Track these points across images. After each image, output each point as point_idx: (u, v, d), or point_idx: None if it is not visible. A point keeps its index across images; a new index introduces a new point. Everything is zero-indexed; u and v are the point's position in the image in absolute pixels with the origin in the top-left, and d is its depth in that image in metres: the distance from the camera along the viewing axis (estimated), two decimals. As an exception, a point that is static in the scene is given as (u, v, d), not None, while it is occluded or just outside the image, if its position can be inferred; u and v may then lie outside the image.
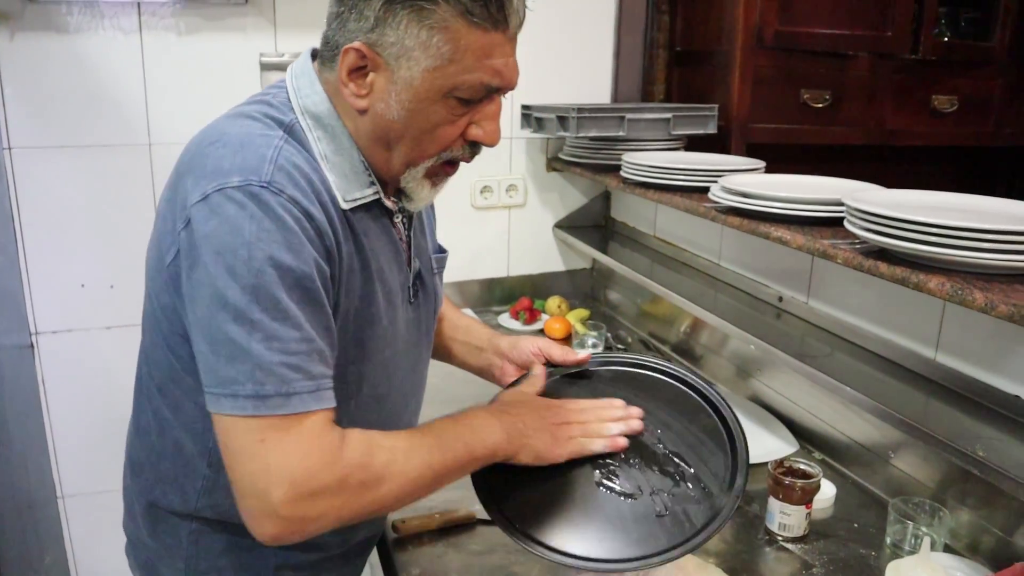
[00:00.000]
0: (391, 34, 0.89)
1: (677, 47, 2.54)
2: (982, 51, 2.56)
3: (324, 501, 0.85)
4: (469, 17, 0.88)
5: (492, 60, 0.92)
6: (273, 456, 0.83)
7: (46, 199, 2.01)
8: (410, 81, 0.91)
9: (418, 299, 1.13)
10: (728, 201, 1.60)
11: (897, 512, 1.26)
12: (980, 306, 1.09)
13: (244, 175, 0.86)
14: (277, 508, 0.83)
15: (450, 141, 0.97)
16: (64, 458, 2.17)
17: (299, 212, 0.87)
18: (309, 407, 0.86)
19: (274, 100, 0.98)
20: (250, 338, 0.83)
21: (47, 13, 1.92)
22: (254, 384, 0.83)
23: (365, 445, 0.89)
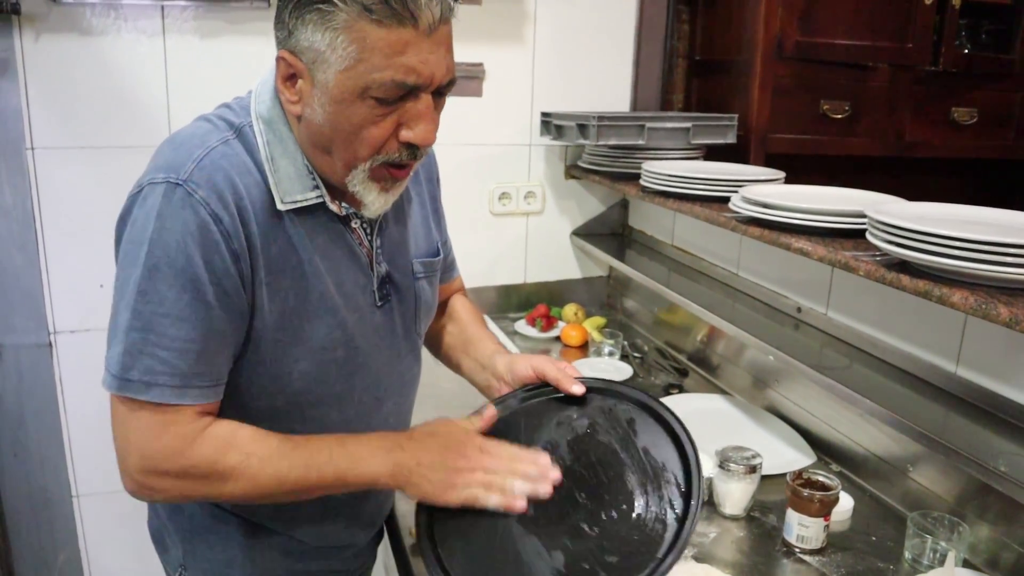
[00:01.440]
0: (304, 40, 0.91)
1: (697, 56, 2.54)
2: (1003, 63, 2.55)
3: (167, 481, 0.96)
4: (370, 15, 0.87)
5: (404, 57, 0.89)
6: (131, 432, 0.94)
7: (67, 199, 2.03)
8: (326, 84, 0.92)
9: (390, 303, 1.13)
10: (749, 211, 1.59)
11: (916, 526, 1.25)
12: (1005, 320, 1.08)
13: (167, 172, 0.92)
14: (131, 472, 0.96)
15: (380, 142, 0.95)
16: (80, 457, 2.18)
17: (206, 214, 0.91)
18: (167, 400, 0.93)
19: (236, 104, 1.03)
20: (130, 326, 0.91)
21: (71, 15, 1.94)
22: (122, 367, 0.92)
23: (221, 443, 0.96)
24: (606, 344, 2.11)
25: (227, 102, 1.06)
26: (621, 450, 1.06)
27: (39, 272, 2.04)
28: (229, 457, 0.95)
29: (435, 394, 1.59)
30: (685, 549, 0.93)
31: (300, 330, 1.02)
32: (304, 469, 0.97)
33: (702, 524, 1.36)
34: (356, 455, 0.99)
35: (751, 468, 1.35)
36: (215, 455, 0.95)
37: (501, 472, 1.00)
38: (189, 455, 0.94)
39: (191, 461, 0.94)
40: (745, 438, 1.59)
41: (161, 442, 0.93)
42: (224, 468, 0.95)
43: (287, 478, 0.97)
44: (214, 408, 0.99)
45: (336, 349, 1.06)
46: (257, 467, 0.96)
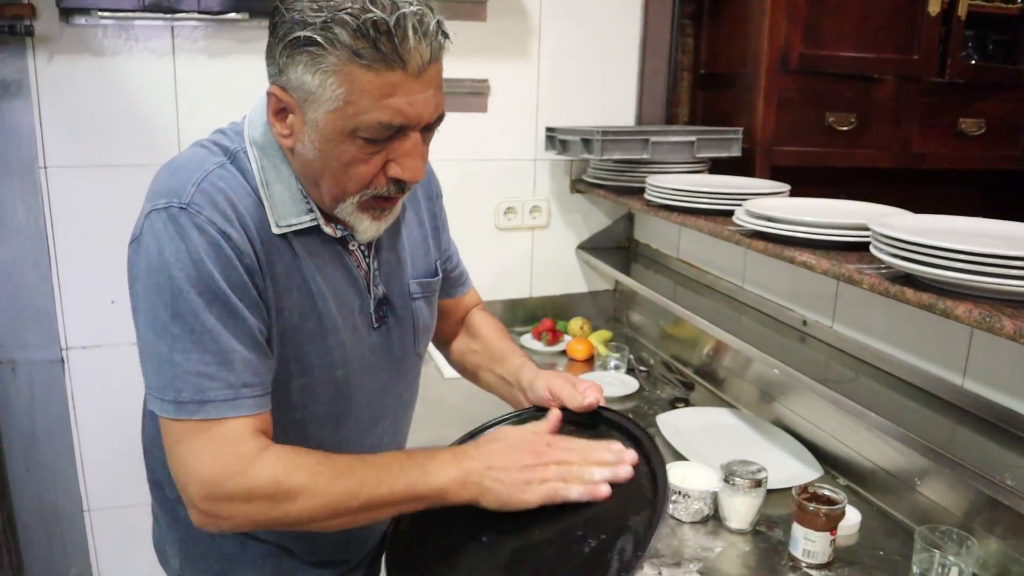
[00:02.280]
0: (295, 79, 0.92)
1: (702, 70, 2.55)
2: (1010, 74, 2.54)
3: (232, 505, 0.92)
4: (359, 60, 0.88)
5: (392, 100, 0.90)
6: (188, 458, 0.93)
7: (79, 217, 2.05)
8: (316, 123, 0.93)
9: (387, 324, 1.14)
10: (753, 225, 1.60)
11: (924, 540, 1.24)
12: (1009, 333, 1.08)
13: (169, 197, 0.94)
14: (194, 501, 0.93)
15: (368, 179, 0.97)
16: (91, 472, 2.19)
17: (215, 232, 0.93)
18: (223, 414, 0.92)
19: (230, 130, 1.05)
20: (172, 350, 0.92)
21: (83, 36, 1.97)
22: (174, 391, 0.92)
23: (285, 462, 0.93)
24: (612, 358, 2.11)
25: (222, 128, 1.07)
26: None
27: (52, 289, 2.07)
28: (295, 476, 0.93)
29: (440, 410, 1.59)
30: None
31: (300, 347, 1.03)
32: (375, 484, 0.95)
33: (708, 538, 1.36)
34: (425, 467, 0.97)
35: (757, 482, 1.35)
36: (279, 474, 0.92)
37: (575, 463, 0.98)
38: (251, 474, 0.91)
39: (253, 481, 0.91)
40: (752, 452, 1.59)
41: (219, 465, 0.91)
42: (290, 487, 0.92)
43: (359, 494, 0.94)
44: (268, 424, 0.98)
45: (335, 368, 1.07)
46: (326, 484, 0.93)
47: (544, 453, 0.99)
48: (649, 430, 1.40)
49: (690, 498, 1.39)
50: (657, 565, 1.27)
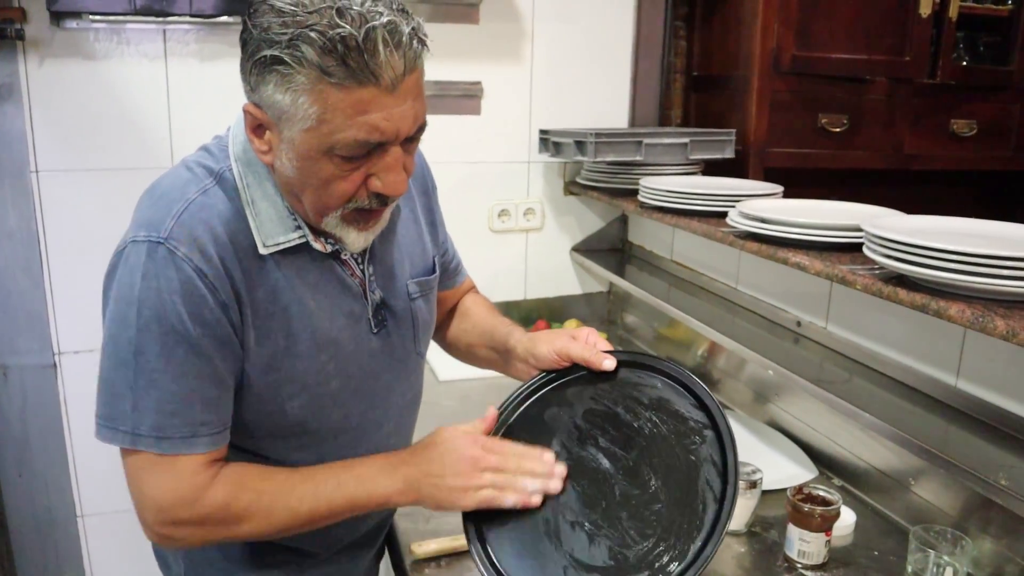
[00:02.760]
0: (267, 97, 0.89)
1: (694, 72, 2.56)
2: (1001, 75, 2.56)
3: (186, 529, 0.98)
4: (328, 78, 0.84)
5: (366, 116, 0.87)
6: (146, 486, 0.97)
7: (71, 221, 2.04)
8: (292, 140, 0.91)
9: (386, 327, 1.13)
10: (746, 226, 1.60)
11: (918, 540, 1.24)
12: (1002, 333, 1.08)
13: (148, 230, 0.93)
14: (149, 525, 0.98)
15: (349, 194, 0.95)
16: (84, 478, 2.18)
17: (190, 269, 0.92)
18: (179, 451, 0.95)
19: (215, 147, 1.03)
20: (134, 384, 0.93)
21: (74, 40, 1.96)
22: (132, 424, 0.94)
23: (232, 486, 0.98)
24: (607, 360, 2.10)
25: (207, 145, 1.05)
26: (657, 429, 1.05)
27: (44, 294, 2.06)
28: (241, 499, 0.97)
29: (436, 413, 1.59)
30: (725, 532, 0.94)
31: (292, 369, 1.03)
32: (314, 500, 0.99)
33: (703, 540, 1.35)
34: (363, 477, 1.00)
35: (752, 483, 1.35)
36: (227, 499, 0.97)
37: (510, 470, 1.00)
38: (204, 502, 0.96)
39: (206, 509, 0.96)
40: (746, 453, 1.57)
41: (176, 494, 0.96)
42: (238, 510, 0.97)
43: (299, 511, 0.99)
44: (222, 454, 1.01)
45: (330, 382, 1.07)
46: (268, 504, 0.98)
47: (480, 459, 1.01)
48: None
49: (685, 500, 1.39)
50: (653, 567, 1.27)
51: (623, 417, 1.06)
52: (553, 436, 1.07)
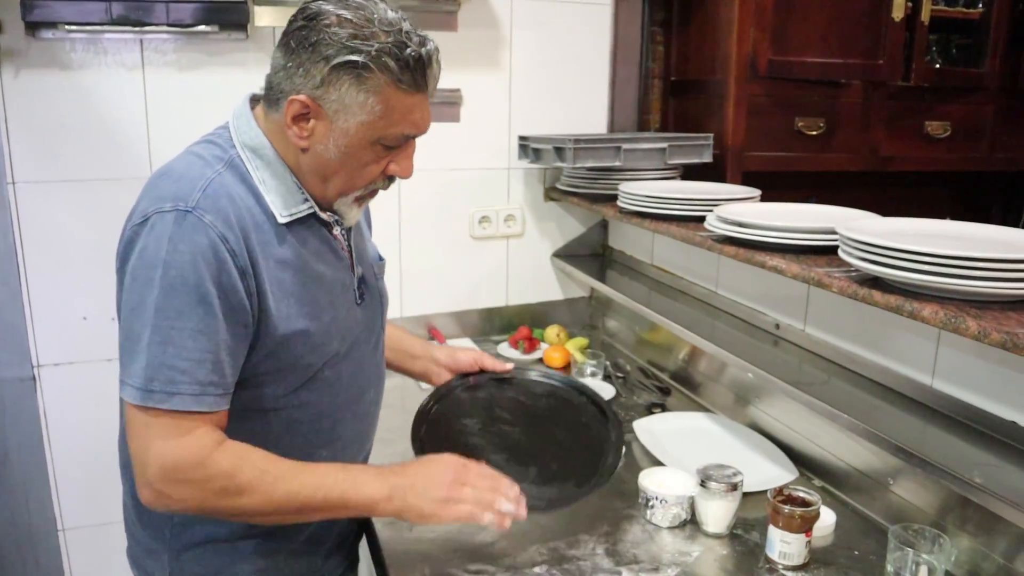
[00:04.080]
0: (334, 93, 1.06)
1: (672, 77, 2.58)
2: (974, 78, 2.59)
3: (186, 489, 1.04)
4: (399, 84, 1.07)
5: (412, 115, 1.11)
6: (151, 441, 1.02)
7: (49, 232, 2.03)
8: (347, 130, 1.09)
9: (365, 300, 1.28)
10: (723, 231, 1.61)
11: (897, 539, 1.25)
12: (974, 334, 1.10)
13: (175, 201, 1.04)
14: (151, 481, 1.03)
15: (375, 177, 1.16)
16: (65, 491, 2.16)
17: (215, 235, 1.03)
18: (188, 407, 1.02)
19: (218, 139, 1.15)
20: (150, 340, 1.01)
21: (51, 50, 1.95)
22: (144, 379, 1.01)
23: (237, 459, 1.06)
24: (588, 365, 2.11)
25: (209, 137, 1.17)
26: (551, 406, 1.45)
27: (22, 306, 2.04)
28: (245, 472, 1.05)
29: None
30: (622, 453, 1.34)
31: (303, 328, 1.14)
32: (312, 489, 1.07)
33: (685, 542, 1.36)
34: (358, 479, 1.10)
35: (732, 486, 1.36)
36: (232, 468, 1.04)
37: (485, 490, 1.13)
38: (208, 465, 1.03)
39: (210, 471, 1.03)
40: (728, 455, 1.60)
41: (182, 450, 1.02)
42: (241, 482, 1.04)
43: (297, 496, 1.07)
44: (224, 420, 1.08)
45: (332, 342, 1.19)
46: (271, 484, 1.06)
47: (461, 477, 1.14)
48: (626, 436, 1.65)
49: (667, 503, 1.40)
50: (636, 571, 1.28)
51: (524, 401, 1.45)
52: (472, 418, 1.39)
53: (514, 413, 1.42)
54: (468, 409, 1.41)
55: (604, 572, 1.28)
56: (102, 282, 2.09)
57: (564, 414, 1.44)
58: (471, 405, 1.42)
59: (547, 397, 1.47)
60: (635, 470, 1.53)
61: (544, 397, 1.47)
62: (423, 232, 2.38)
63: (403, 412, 1.57)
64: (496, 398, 1.45)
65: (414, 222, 2.37)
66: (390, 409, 1.63)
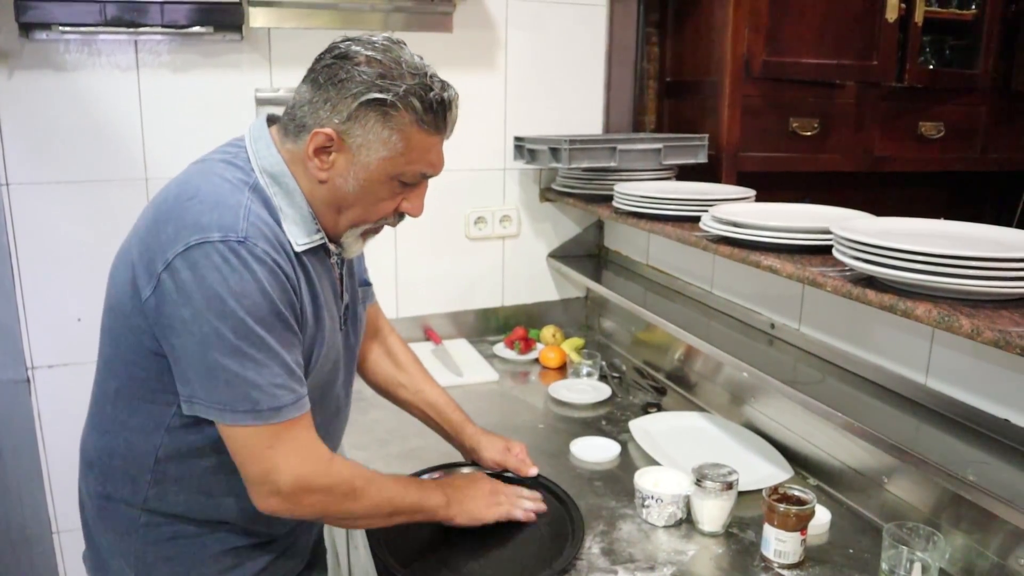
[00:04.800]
0: (359, 128, 1.11)
1: (667, 78, 2.58)
2: (967, 78, 2.60)
3: (315, 496, 1.13)
4: (422, 125, 1.12)
5: (430, 155, 1.16)
6: (279, 458, 1.09)
7: (43, 234, 2.02)
8: (367, 165, 1.13)
9: (348, 326, 1.33)
10: (718, 230, 1.62)
11: (892, 537, 1.26)
12: (967, 332, 1.10)
13: (223, 232, 1.05)
14: (282, 491, 1.10)
15: (388, 212, 1.21)
16: (59, 493, 2.16)
17: (271, 262, 1.07)
18: (293, 415, 1.09)
19: (236, 160, 1.16)
20: (244, 368, 1.05)
21: (45, 51, 1.95)
22: (250, 403, 1.06)
23: (351, 466, 1.19)
24: (584, 365, 2.12)
25: (227, 156, 1.17)
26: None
27: (15, 308, 2.04)
28: (359, 478, 1.18)
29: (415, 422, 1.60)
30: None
31: (317, 352, 1.20)
32: (401, 496, 1.24)
33: (681, 541, 1.37)
34: (424, 489, 1.32)
35: (728, 485, 1.37)
36: (351, 476, 1.17)
37: (513, 496, 1.40)
38: (332, 473, 1.14)
39: (336, 479, 1.14)
40: (723, 455, 1.60)
41: (309, 464, 1.11)
42: (357, 487, 1.17)
43: (392, 501, 1.22)
44: None
45: (325, 365, 1.24)
46: (376, 490, 1.20)
47: (496, 490, 1.40)
48: (622, 436, 1.79)
49: (663, 502, 1.40)
50: (631, 569, 1.28)
51: None
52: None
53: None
54: None
55: (600, 571, 1.28)
56: (96, 284, 2.08)
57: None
58: None
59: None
60: (631, 469, 1.53)
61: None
62: (419, 233, 2.38)
63: (398, 414, 1.58)
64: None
65: (410, 223, 2.34)
66: (385, 411, 1.64)
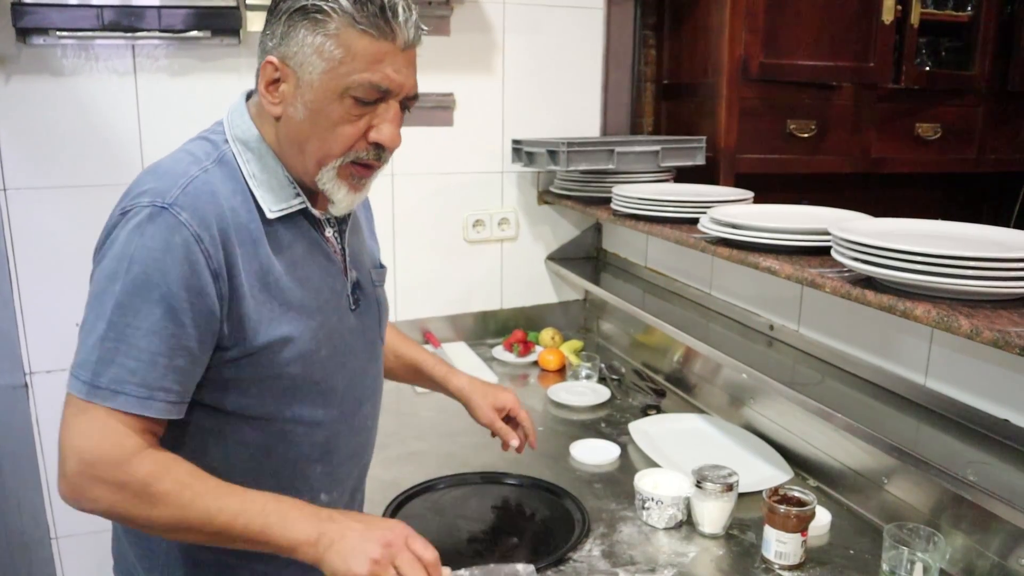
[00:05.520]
0: (294, 45, 1.03)
1: (664, 80, 2.59)
2: (963, 80, 2.61)
3: (100, 489, 0.96)
4: (357, 26, 1.00)
5: (381, 65, 1.03)
6: (75, 433, 0.96)
7: (41, 239, 2.02)
8: (311, 83, 1.03)
9: (360, 308, 1.22)
10: (717, 232, 1.62)
11: (892, 538, 1.26)
12: (966, 332, 1.10)
13: (152, 196, 0.99)
14: (67, 474, 0.96)
15: (352, 140, 1.06)
16: (58, 499, 2.13)
17: (189, 234, 0.98)
18: (133, 410, 0.96)
19: (211, 135, 1.12)
20: (104, 335, 0.96)
21: (42, 56, 1.95)
22: (91, 373, 0.96)
23: (157, 467, 0.97)
24: (583, 367, 2.12)
25: (204, 133, 1.13)
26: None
27: (13, 313, 2.03)
28: (164, 482, 0.97)
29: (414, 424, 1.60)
30: None
31: (287, 334, 1.08)
32: (232, 515, 0.97)
33: (681, 543, 1.37)
34: (288, 515, 0.99)
35: (728, 486, 1.36)
36: (151, 476, 0.96)
37: (407, 567, 0.98)
38: (127, 468, 0.96)
39: (128, 475, 0.96)
40: (723, 456, 1.60)
41: (101, 450, 0.96)
42: (157, 491, 0.96)
43: (215, 519, 0.97)
44: (163, 428, 1.02)
45: (320, 349, 1.12)
46: (188, 499, 0.97)
47: (395, 553, 0.98)
48: (621, 438, 1.78)
49: (663, 504, 1.40)
50: (632, 572, 1.28)
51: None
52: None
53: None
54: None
55: (600, 573, 1.28)
56: (95, 288, 2.10)
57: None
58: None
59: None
60: (631, 472, 1.53)
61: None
62: (417, 236, 2.38)
63: (398, 415, 1.57)
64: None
65: (408, 226, 2.37)
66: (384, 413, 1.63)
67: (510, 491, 1.52)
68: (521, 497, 1.50)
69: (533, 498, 1.48)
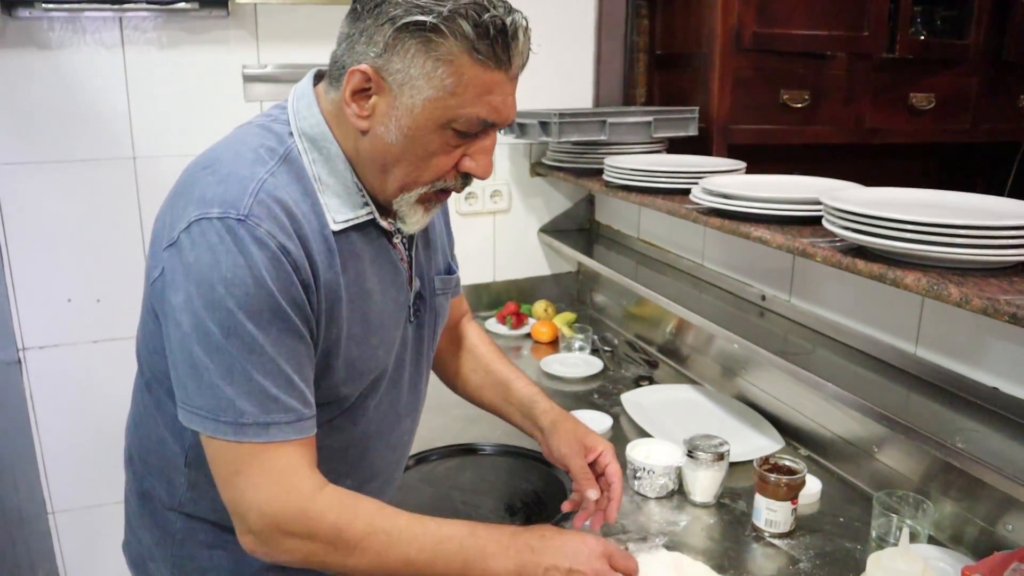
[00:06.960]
0: (398, 61, 0.91)
1: (657, 51, 2.56)
2: (958, 49, 2.59)
3: (292, 542, 0.92)
4: (475, 54, 0.90)
5: (491, 96, 0.93)
6: (248, 490, 0.90)
7: (31, 215, 2.01)
8: (411, 108, 0.92)
9: (419, 318, 1.14)
10: (709, 202, 1.61)
11: (881, 505, 1.27)
12: (955, 300, 1.11)
13: (224, 207, 0.89)
14: (253, 530, 0.91)
15: (444, 171, 0.98)
16: (54, 473, 2.16)
17: (275, 247, 0.89)
18: (288, 436, 0.91)
19: (274, 125, 1.00)
20: (228, 371, 0.88)
21: (29, 29, 1.93)
22: (233, 413, 0.89)
23: (344, 507, 0.93)
24: (576, 339, 2.12)
25: (265, 123, 1.01)
26: None
27: (5, 288, 2.03)
28: (355, 526, 0.93)
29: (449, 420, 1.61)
30: None
31: (348, 351, 1.01)
32: (431, 555, 0.94)
33: (673, 512, 1.38)
34: (486, 550, 0.96)
35: (719, 456, 1.37)
36: (338, 520, 0.92)
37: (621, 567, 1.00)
38: (312, 516, 0.91)
39: (315, 524, 0.91)
40: (715, 426, 1.61)
41: (280, 502, 0.90)
42: (350, 538, 0.92)
43: (415, 561, 0.94)
44: (314, 449, 0.96)
45: (375, 369, 1.06)
46: (384, 544, 0.93)
47: (599, 573, 0.99)
48: (614, 409, 1.79)
49: (655, 474, 1.41)
50: (624, 540, 1.29)
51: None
52: None
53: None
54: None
55: (593, 542, 1.29)
56: (86, 264, 2.09)
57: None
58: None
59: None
60: (623, 442, 1.54)
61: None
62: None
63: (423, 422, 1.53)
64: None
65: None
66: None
67: (503, 462, 1.52)
68: (514, 467, 1.51)
69: (526, 468, 1.49)
